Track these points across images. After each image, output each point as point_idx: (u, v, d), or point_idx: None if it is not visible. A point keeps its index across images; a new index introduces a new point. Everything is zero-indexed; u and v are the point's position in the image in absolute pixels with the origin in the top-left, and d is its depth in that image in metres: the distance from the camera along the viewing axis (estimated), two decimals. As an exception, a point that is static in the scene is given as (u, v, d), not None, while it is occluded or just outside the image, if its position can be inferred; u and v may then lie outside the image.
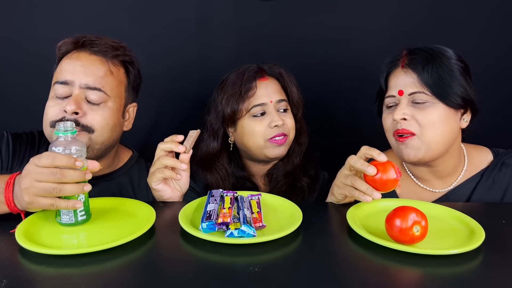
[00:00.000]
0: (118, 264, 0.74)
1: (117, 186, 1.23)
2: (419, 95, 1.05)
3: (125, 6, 1.59)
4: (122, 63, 1.18)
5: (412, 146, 1.06)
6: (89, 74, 1.09)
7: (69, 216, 0.86)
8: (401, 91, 1.07)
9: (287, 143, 1.28)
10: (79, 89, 1.09)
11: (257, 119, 1.25)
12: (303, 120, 1.38)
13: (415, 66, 1.07)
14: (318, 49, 1.62)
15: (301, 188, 1.32)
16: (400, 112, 1.05)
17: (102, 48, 1.13)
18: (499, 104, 1.58)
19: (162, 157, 1.00)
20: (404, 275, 0.73)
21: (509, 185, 1.12)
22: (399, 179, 0.92)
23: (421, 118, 1.05)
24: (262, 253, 0.77)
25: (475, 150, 1.20)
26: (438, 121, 1.05)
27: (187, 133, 1.08)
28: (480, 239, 0.78)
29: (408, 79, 1.07)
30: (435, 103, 1.05)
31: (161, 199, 1.05)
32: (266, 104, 1.25)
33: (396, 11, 1.57)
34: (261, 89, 1.26)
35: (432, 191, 1.17)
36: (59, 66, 1.14)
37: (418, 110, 1.06)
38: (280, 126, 1.24)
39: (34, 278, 0.71)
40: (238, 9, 1.60)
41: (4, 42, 1.58)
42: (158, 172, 1.00)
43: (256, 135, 1.24)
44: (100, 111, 1.10)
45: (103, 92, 1.10)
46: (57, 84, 1.10)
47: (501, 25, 1.55)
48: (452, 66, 1.07)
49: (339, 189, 0.99)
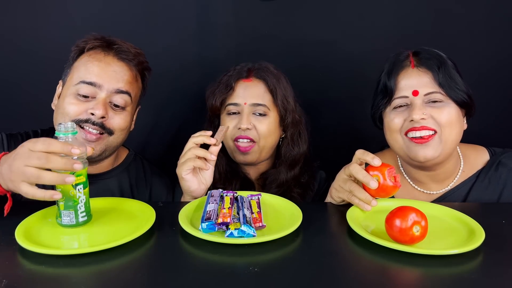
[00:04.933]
0: (118, 264, 0.74)
1: (116, 183, 1.24)
2: (436, 95, 1.05)
3: (125, 6, 1.59)
4: (141, 70, 1.22)
5: (431, 145, 1.05)
6: (119, 80, 1.13)
7: (70, 217, 0.86)
8: (416, 92, 1.06)
9: (254, 151, 1.25)
10: (106, 93, 1.11)
11: (230, 117, 1.27)
12: (302, 129, 1.34)
13: (430, 66, 1.07)
14: (318, 49, 1.61)
15: (291, 198, 1.29)
16: (419, 112, 1.04)
17: (129, 56, 1.16)
18: (499, 104, 1.58)
19: (194, 148, 1.03)
20: (404, 275, 0.73)
21: (505, 185, 1.12)
22: (399, 186, 0.91)
23: (439, 117, 1.05)
24: (262, 253, 0.77)
25: (472, 151, 1.20)
26: (454, 120, 1.06)
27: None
28: (480, 239, 0.78)
29: (423, 79, 1.07)
30: (449, 103, 1.06)
31: (188, 191, 1.06)
32: (240, 105, 1.25)
33: (396, 13, 1.57)
34: (240, 89, 1.27)
35: (429, 193, 1.17)
36: (84, 63, 1.14)
37: (435, 109, 1.05)
38: (245, 130, 1.23)
39: (34, 278, 0.71)
40: (238, 9, 1.60)
41: (4, 42, 1.58)
42: (190, 161, 1.02)
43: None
44: (122, 115, 1.15)
45: (130, 98, 1.15)
46: (83, 84, 1.11)
47: (501, 25, 1.55)
48: (452, 68, 1.09)
49: (338, 193, 0.99)
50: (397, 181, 0.91)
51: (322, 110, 1.62)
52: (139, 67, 1.20)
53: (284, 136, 1.33)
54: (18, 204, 1.11)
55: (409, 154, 1.09)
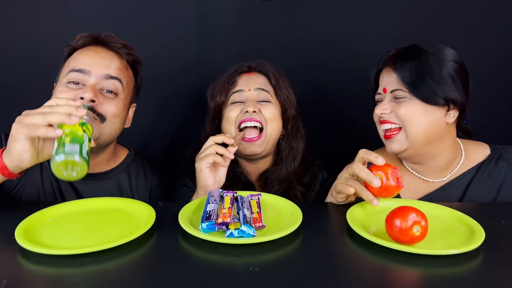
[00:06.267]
0: (118, 264, 0.74)
1: (115, 184, 1.24)
2: (398, 92, 1.13)
3: (125, 7, 1.59)
4: (131, 63, 1.23)
5: (396, 140, 1.13)
6: (109, 66, 1.15)
7: (74, 148, 0.83)
8: (384, 89, 1.16)
9: (262, 141, 1.26)
10: (95, 79, 1.12)
11: (235, 105, 1.28)
12: (300, 125, 1.36)
13: (395, 66, 1.14)
14: (318, 49, 1.62)
15: (294, 195, 1.30)
16: (380, 107, 1.15)
17: (117, 45, 1.19)
18: (501, 103, 1.59)
19: (214, 145, 1.10)
20: (404, 275, 0.73)
21: (505, 179, 1.15)
22: (402, 187, 0.92)
23: (398, 111, 1.12)
24: (262, 253, 0.77)
25: (473, 145, 1.23)
26: (414, 115, 1.10)
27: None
28: (480, 239, 0.78)
29: (390, 78, 1.15)
30: (412, 99, 1.11)
31: (204, 185, 1.10)
32: (244, 91, 1.27)
33: (397, 12, 1.58)
34: (242, 80, 1.30)
35: (428, 180, 1.20)
36: (74, 57, 1.16)
37: (397, 105, 1.13)
38: (251, 112, 1.24)
39: (34, 278, 0.71)
40: (238, 9, 1.60)
41: (4, 42, 1.58)
42: (210, 156, 1.08)
43: (230, 120, 1.26)
44: (114, 101, 1.14)
45: (121, 84, 1.16)
46: (72, 72, 1.12)
47: (502, 25, 1.55)
48: (433, 65, 1.10)
49: (339, 189, 0.99)
50: (399, 182, 0.91)
51: (322, 110, 1.62)
52: (129, 58, 1.21)
53: (283, 133, 1.34)
54: (18, 204, 1.12)
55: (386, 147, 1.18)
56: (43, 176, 1.19)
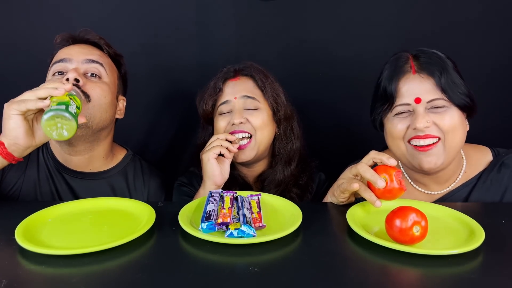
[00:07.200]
0: (118, 264, 0.74)
1: (112, 184, 1.24)
2: (439, 101, 1.03)
3: (125, 7, 1.59)
4: (112, 55, 1.25)
5: (435, 153, 1.04)
6: (88, 53, 1.18)
7: (61, 108, 0.88)
8: (418, 99, 1.03)
9: (251, 148, 1.25)
10: (77, 64, 1.15)
11: (222, 116, 1.27)
12: (294, 125, 1.34)
13: (432, 72, 1.04)
14: (318, 50, 1.61)
15: (290, 198, 1.28)
16: (423, 120, 1.02)
17: (95, 37, 1.23)
18: (503, 105, 1.58)
19: (219, 139, 1.19)
20: (404, 275, 0.73)
21: (508, 186, 1.10)
22: (405, 190, 0.91)
23: (442, 123, 1.03)
24: (262, 253, 0.77)
25: (475, 151, 1.18)
26: (457, 125, 1.04)
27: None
28: (480, 239, 0.78)
29: (425, 86, 1.04)
30: (451, 108, 1.04)
31: (212, 175, 1.17)
32: (231, 101, 1.25)
33: (397, 13, 1.57)
34: (228, 88, 1.28)
35: (429, 193, 1.16)
36: (56, 55, 1.19)
37: (438, 116, 1.03)
38: (238, 124, 1.23)
39: (34, 278, 0.71)
40: (238, 9, 1.60)
41: (3, 42, 1.58)
42: (217, 147, 1.17)
43: (219, 132, 1.26)
44: (99, 83, 1.16)
45: (104, 68, 1.18)
46: (55, 64, 1.16)
47: (501, 26, 1.55)
48: (449, 69, 1.05)
49: (344, 188, 0.97)
50: (403, 185, 0.91)
51: (322, 111, 1.62)
52: (110, 50, 1.24)
53: (278, 133, 1.33)
54: (18, 204, 1.12)
55: (413, 161, 1.07)
56: (40, 175, 1.20)
